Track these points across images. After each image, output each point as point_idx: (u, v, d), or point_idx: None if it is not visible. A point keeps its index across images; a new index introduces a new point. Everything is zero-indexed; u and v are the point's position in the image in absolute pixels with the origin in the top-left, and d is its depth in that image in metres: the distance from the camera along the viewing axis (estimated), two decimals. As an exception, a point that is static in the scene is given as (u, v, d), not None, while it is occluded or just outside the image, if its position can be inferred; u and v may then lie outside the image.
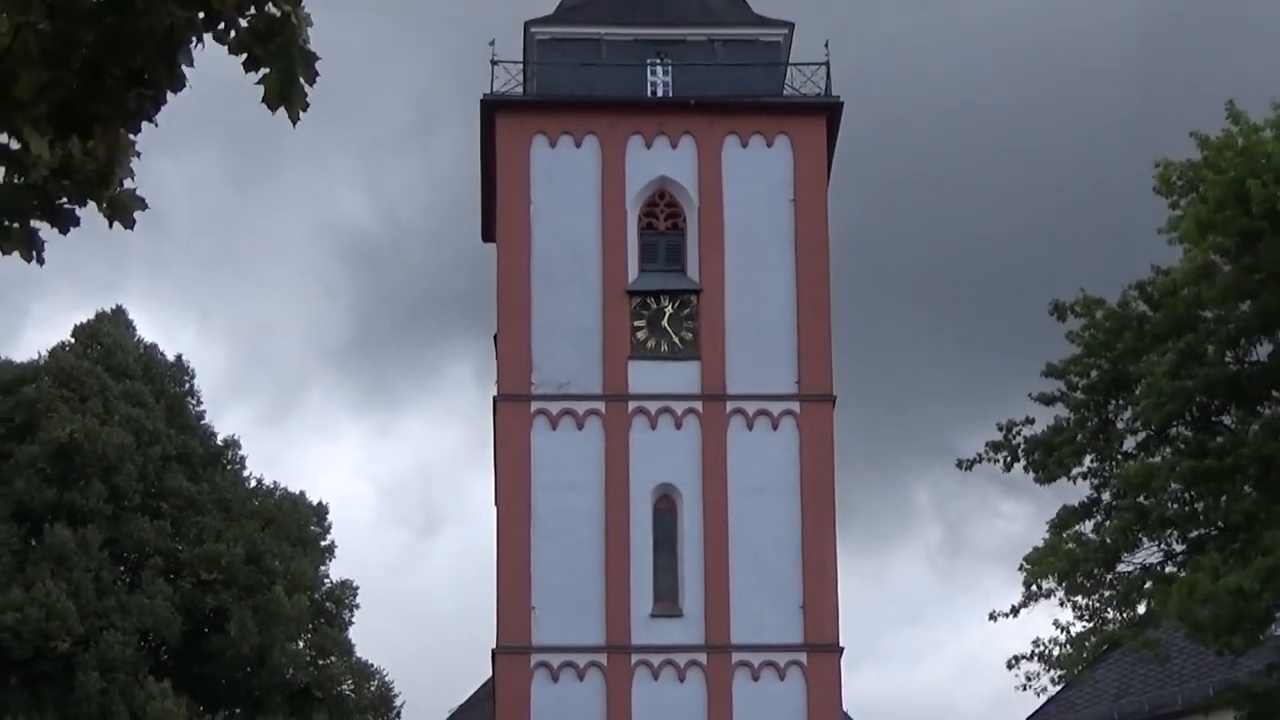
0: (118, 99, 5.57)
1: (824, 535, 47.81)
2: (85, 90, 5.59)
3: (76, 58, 5.46)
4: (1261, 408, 24.40)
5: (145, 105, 5.69)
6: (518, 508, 47.73)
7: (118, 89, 5.58)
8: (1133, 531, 24.44)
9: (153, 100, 5.70)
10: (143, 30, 5.43)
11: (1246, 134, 23.23)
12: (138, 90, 5.59)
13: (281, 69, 5.53)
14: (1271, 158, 22.54)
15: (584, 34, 51.03)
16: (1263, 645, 24.55)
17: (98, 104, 5.61)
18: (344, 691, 46.58)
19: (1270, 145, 22.70)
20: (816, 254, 49.17)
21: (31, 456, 44.49)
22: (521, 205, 49.16)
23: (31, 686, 42.71)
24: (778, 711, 46.72)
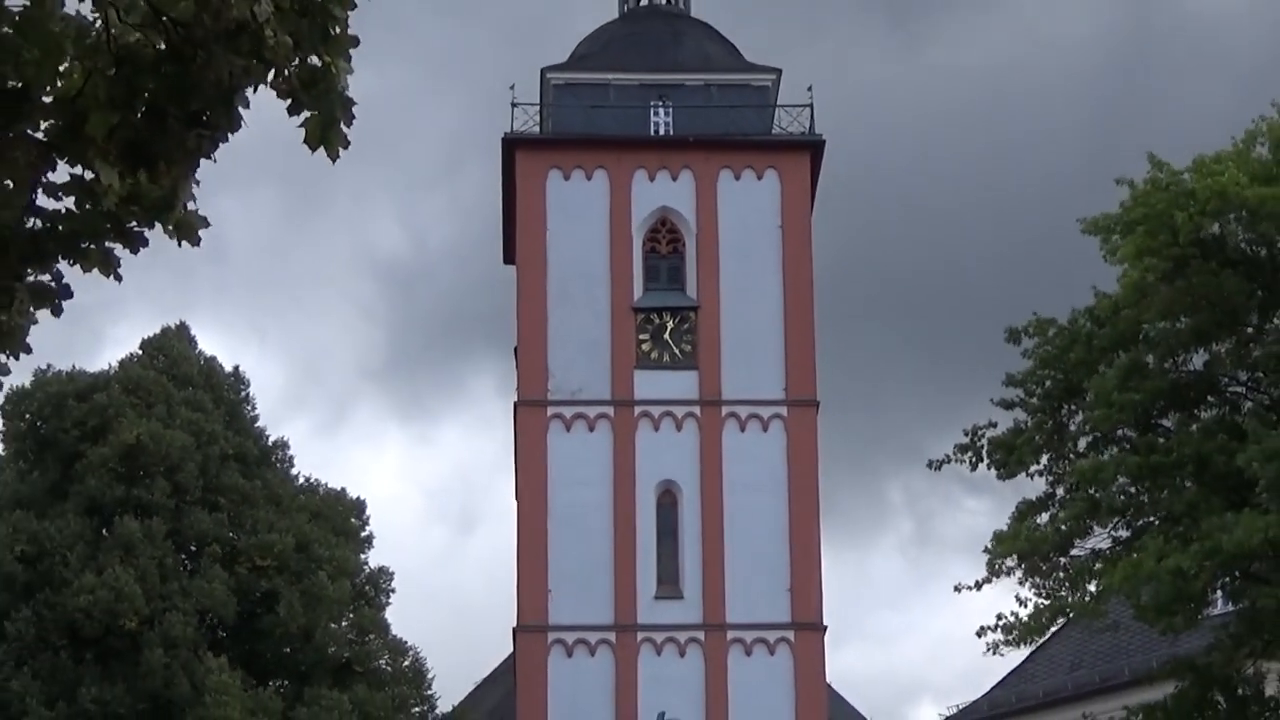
0: (179, 138, 5.56)
1: (809, 526, 47.80)
2: (150, 130, 5.59)
3: (141, 101, 5.45)
4: (1197, 411, 24.40)
5: (204, 144, 5.68)
6: (536, 502, 47.74)
7: (179, 129, 5.57)
8: (1084, 520, 24.44)
9: (211, 139, 5.70)
10: (202, 77, 5.42)
11: (1169, 175, 23.36)
12: (197, 131, 5.58)
13: (322, 113, 5.53)
14: (1195, 194, 22.63)
15: (594, 79, 51.06)
16: (1201, 624, 24.52)
17: (161, 142, 5.61)
18: (381, 666, 46.51)
19: (1194, 183, 22.80)
20: (801, 275, 49.19)
21: (103, 457, 44.49)
22: (539, 232, 49.19)
23: (103, 661, 42.70)
24: (768, 683, 46.69)
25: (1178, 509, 22.81)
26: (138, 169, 5.66)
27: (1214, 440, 22.83)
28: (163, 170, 5.66)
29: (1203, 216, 22.65)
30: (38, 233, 5.98)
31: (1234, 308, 23.72)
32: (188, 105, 5.46)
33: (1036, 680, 39.88)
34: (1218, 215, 22.78)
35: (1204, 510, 22.25)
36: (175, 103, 5.47)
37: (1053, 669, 39.20)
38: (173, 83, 5.42)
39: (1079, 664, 38.21)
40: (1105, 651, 35.64)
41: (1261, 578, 22.67)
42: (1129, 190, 23.75)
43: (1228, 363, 24.42)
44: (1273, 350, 23.96)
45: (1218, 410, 24.38)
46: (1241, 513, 21.55)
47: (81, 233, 5.93)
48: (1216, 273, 23.30)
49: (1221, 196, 22.59)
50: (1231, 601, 24.86)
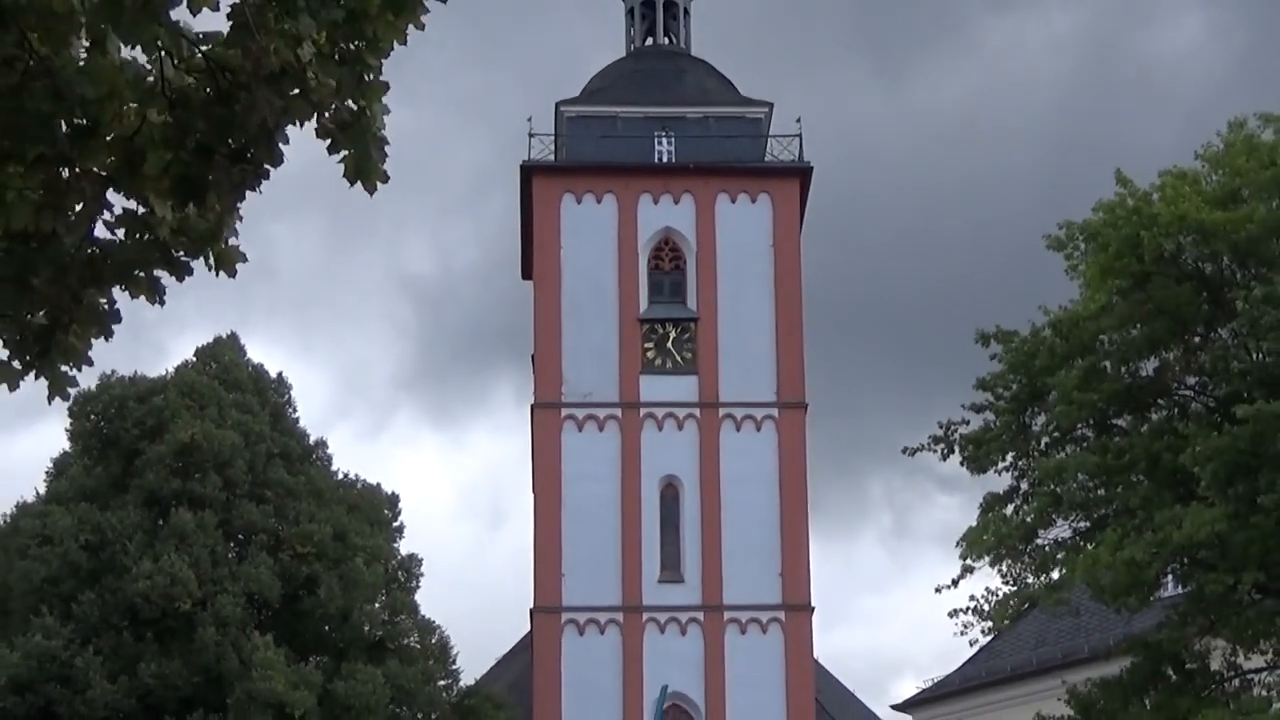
0: (226, 173, 5.56)
1: (798, 516, 47.79)
2: (200, 166, 5.59)
3: (192, 140, 5.45)
4: (1150, 413, 24.39)
5: (249, 178, 5.69)
6: (551, 495, 47.76)
7: (226, 165, 5.57)
8: (1048, 513, 24.42)
9: (255, 174, 5.70)
10: (247, 118, 5.42)
11: (1135, 196, 23.35)
12: (242, 166, 5.58)
13: (358, 152, 5.53)
14: (1159, 217, 22.62)
15: (603, 111, 51.10)
16: (1153, 605, 24.50)
17: (210, 177, 5.61)
18: (411, 643, 46.47)
19: (1158, 207, 22.80)
20: (791, 290, 49.22)
21: (160, 454, 44.50)
22: (553, 250, 49.23)
23: (160, 640, 42.70)
24: (762, 659, 46.68)
25: (1132, 503, 22.79)
26: (188, 202, 5.66)
27: (1163, 440, 22.83)
28: (211, 202, 5.66)
29: (1164, 237, 22.65)
30: (94, 259, 5.98)
31: (1184, 318, 23.73)
32: (234, 143, 5.46)
33: (1004, 656, 39.87)
34: (1178, 234, 22.77)
35: (1155, 504, 22.24)
36: (223, 141, 5.47)
37: (1019, 646, 39.20)
38: (221, 123, 5.42)
39: (1043, 641, 38.22)
40: (1067, 630, 35.66)
41: (1208, 564, 22.64)
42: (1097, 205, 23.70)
43: (1177, 368, 24.43)
44: (1218, 356, 23.94)
45: (1168, 411, 24.38)
46: (1189, 506, 21.55)
47: (134, 261, 5.94)
48: (1172, 287, 23.30)
49: (1182, 219, 22.60)
50: (1180, 584, 24.84)
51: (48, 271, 5.91)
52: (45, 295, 5.95)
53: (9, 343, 6.16)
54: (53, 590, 42.75)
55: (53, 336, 6.05)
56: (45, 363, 6.14)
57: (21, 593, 43.06)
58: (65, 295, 5.93)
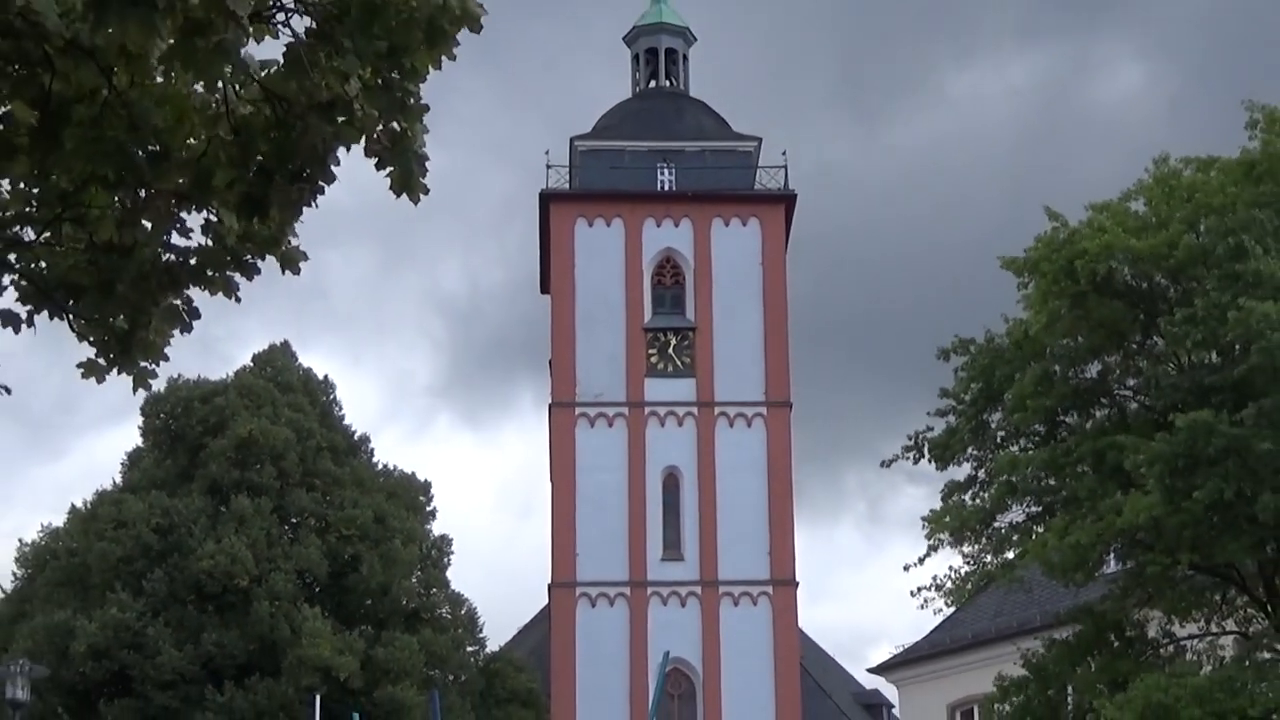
0: (285, 191, 5.59)
1: (784, 502, 47.82)
2: (261, 185, 5.61)
3: (253, 162, 5.48)
4: (1093, 411, 24.38)
5: (305, 195, 5.70)
6: (566, 483, 47.78)
7: (284, 184, 5.59)
8: (1003, 501, 24.41)
9: (311, 191, 5.72)
10: (302, 142, 5.44)
11: (1065, 229, 23.47)
12: (299, 185, 5.60)
13: (402, 167, 5.55)
14: (1087, 247, 22.74)
15: (612, 145, 51.16)
16: (1097, 580, 24.48)
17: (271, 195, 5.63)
18: (442, 615, 46.46)
19: (1085, 239, 22.91)
20: (778, 303, 49.26)
21: (222, 448, 44.54)
22: (568, 268, 49.28)
23: (221, 612, 42.70)
24: (752, 628, 46.69)
25: (1079, 493, 22.77)
26: (253, 216, 5.69)
27: (1105, 437, 22.83)
28: (273, 216, 5.69)
29: (1095, 262, 22.74)
30: (172, 264, 6.01)
31: (1121, 329, 23.74)
32: (291, 164, 5.48)
33: (966, 625, 39.81)
34: (1107, 259, 22.84)
35: (1098, 493, 22.23)
36: (281, 162, 5.49)
37: (979, 616, 39.14)
38: (279, 146, 5.44)
39: (1000, 612, 38.16)
40: (1021, 601, 35.58)
41: (1146, 545, 22.63)
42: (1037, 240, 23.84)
43: (1117, 372, 24.43)
44: (1155, 363, 23.95)
45: (1109, 410, 24.38)
46: (1129, 495, 21.54)
47: (208, 264, 5.97)
48: (1108, 303, 23.33)
49: (1109, 247, 22.69)
50: (1121, 562, 24.82)
51: (129, 277, 5.93)
52: (127, 299, 5.97)
53: (96, 342, 6.18)
54: (127, 568, 42.79)
55: (134, 336, 6.07)
56: (127, 359, 6.15)
57: (99, 570, 43.11)
58: (145, 298, 5.95)
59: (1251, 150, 22.74)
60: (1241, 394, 21.55)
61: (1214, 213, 22.15)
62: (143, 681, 41.40)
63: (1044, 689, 24.55)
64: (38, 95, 5.25)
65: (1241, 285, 21.09)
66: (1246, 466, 20.77)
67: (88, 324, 6.16)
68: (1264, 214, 21.75)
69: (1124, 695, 21.38)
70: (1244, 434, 20.65)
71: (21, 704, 32.69)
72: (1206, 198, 22.48)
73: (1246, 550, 22.04)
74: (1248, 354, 21.31)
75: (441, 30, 5.18)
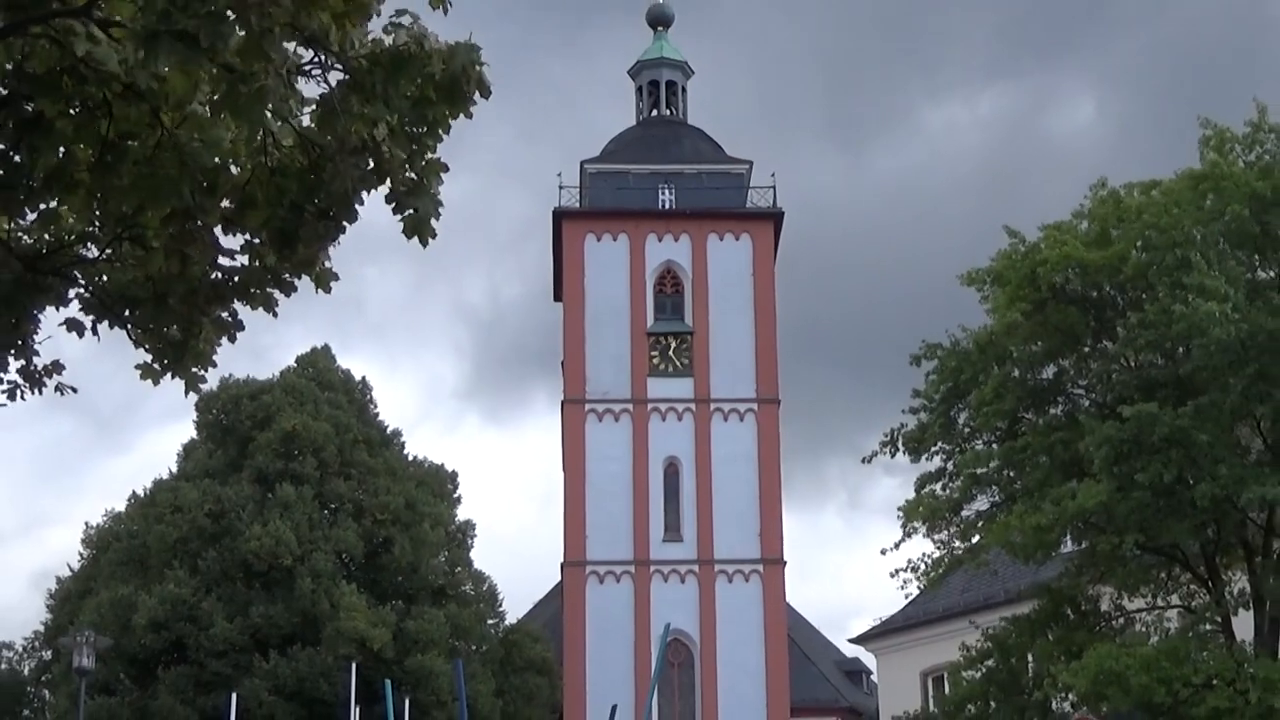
0: (313, 228, 5.63)
1: (773, 489, 47.79)
2: (292, 221, 5.65)
3: (286, 200, 5.52)
4: (1048, 409, 24.39)
5: (332, 230, 5.75)
6: (577, 472, 47.78)
7: (313, 221, 5.63)
8: (969, 491, 24.41)
9: (337, 228, 5.77)
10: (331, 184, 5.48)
11: (1024, 244, 23.49)
12: (326, 223, 5.65)
13: (419, 213, 5.59)
14: (1047, 258, 22.75)
15: (618, 168, 51.17)
16: (1054, 559, 24.49)
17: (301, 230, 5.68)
18: (466, 591, 46.49)
19: (1045, 251, 22.93)
20: (767, 310, 49.24)
21: (268, 440, 44.57)
22: (578, 278, 49.28)
23: (267, 588, 42.76)
24: (744, 603, 46.67)
25: (1036, 482, 22.78)
26: (283, 248, 5.74)
27: (1060, 433, 22.84)
28: (301, 249, 5.74)
29: (1054, 271, 22.74)
30: (218, 282, 6.05)
31: (1076, 333, 23.73)
32: (320, 204, 5.52)
33: (937, 600, 39.84)
34: (1065, 269, 22.84)
35: (1054, 482, 22.25)
36: (311, 202, 5.53)
37: (949, 592, 39.17)
38: (310, 187, 5.48)
39: (968, 589, 38.18)
40: (986, 578, 35.60)
41: (1098, 527, 22.64)
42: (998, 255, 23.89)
43: (1071, 373, 24.43)
44: (1105, 365, 23.96)
45: (1064, 408, 24.37)
46: (1082, 483, 21.54)
47: (250, 282, 6.01)
48: (1064, 309, 23.33)
49: (1066, 259, 22.69)
50: (1075, 543, 24.82)
51: (180, 293, 5.98)
52: (179, 312, 6.02)
53: (152, 349, 6.23)
54: (182, 549, 42.88)
55: (186, 344, 6.11)
56: (180, 365, 6.20)
57: (158, 551, 43.19)
58: (195, 311, 6.00)
59: (1199, 167, 22.64)
60: (1184, 390, 21.58)
61: (1160, 230, 22.16)
62: (197, 651, 41.47)
63: (1006, 659, 24.55)
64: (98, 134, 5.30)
65: (1187, 294, 21.10)
66: (1188, 455, 20.78)
67: (144, 333, 6.21)
68: (1207, 229, 21.74)
69: (1078, 663, 21.39)
70: (1185, 425, 20.66)
71: (87, 671, 32.74)
72: (1153, 217, 22.48)
73: (1189, 532, 22.04)
74: (1190, 355, 21.34)
75: (460, 93, 5.22)
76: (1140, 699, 20.11)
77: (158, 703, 41.20)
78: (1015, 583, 33.02)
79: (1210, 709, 20.13)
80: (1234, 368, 20.59)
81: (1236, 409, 20.96)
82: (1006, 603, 32.01)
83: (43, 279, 6.08)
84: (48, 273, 6.10)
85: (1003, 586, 35.28)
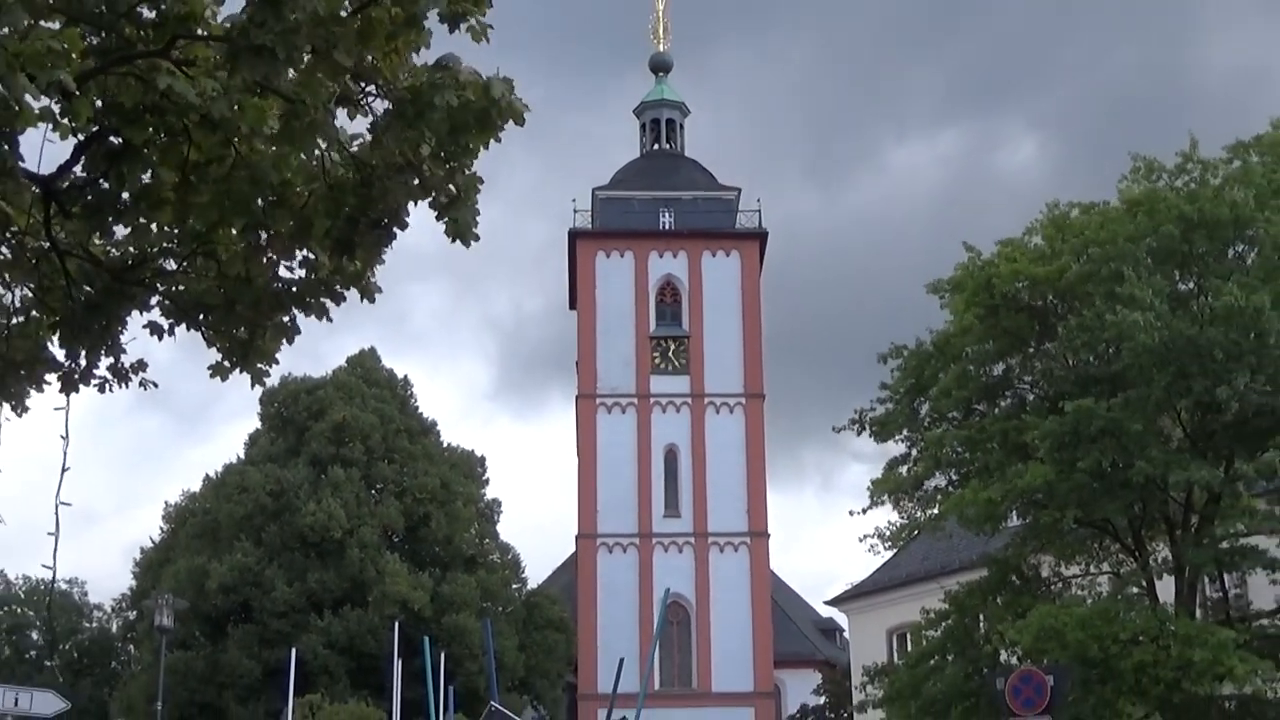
0: (367, 236, 5.63)
1: (759, 471, 47.88)
2: (349, 231, 5.64)
3: (343, 214, 5.52)
4: (998, 401, 24.32)
5: (384, 238, 5.74)
6: (589, 458, 47.84)
7: (367, 230, 5.63)
8: (930, 470, 24.34)
9: (388, 236, 5.76)
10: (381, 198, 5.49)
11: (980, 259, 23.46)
12: (378, 232, 5.65)
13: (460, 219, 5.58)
14: (1001, 271, 22.74)
15: (625, 194, 51.27)
16: (1002, 532, 24.42)
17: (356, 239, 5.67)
18: (494, 559, 46.54)
19: (999, 265, 22.91)
20: (753, 317, 49.32)
21: (321, 430, 44.63)
22: (590, 289, 49.35)
23: (321, 558, 42.80)
24: (734, 570, 46.75)
25: (988, 464, 22.71)
26: (343, 256, 5.73)
27: (1009, 421, 22.79)
28: (359, 255, 5.74)
29: (1005, 283, 22.71)
30: (279, 291, 6.05)
31: (1022, 337, 23.68)
32: (373, 215, 5.52)
33: (900, 567, 39.76)
34: (1014, 281, 22.82)
35: (1004, 464, 22.18)
36: (364, 214, 5.53)
37: (911, 559, 39.08)
38: (364, 201, 5.48)
39: (927, 557, 38.09)
40: (943, 548, 35.51)
41: (1040, 503, 22.58)
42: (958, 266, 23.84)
43: (1017, 370, 24.37)
44: (1045, 362, 23.93)
45: (1011, 400, 24.30)
46: (1028, 464, 21.50)
47: (306, 292, 6.01)
48: (1013, 315, 23.29)
49: (1016, 272, 22.67)
50: (1021, 517, 24.76)
51: (247, 300, 5.98)
52: (246, 317, 6.02)
53: (221, 349, 6.23)
54: (248, 524, 42.96)
55: (251, 345, 6.11)
56: (246, 363, 6.20)
57: (227, 525, 43.26)
58: (259, 316, 6.00)
59: (1132, 191, 22.66)
60: (1115, 386, 21.53)
61: (1098, 245, 22.14)
62: (261, 611, 41.54)
63: (961, 618, 24.49)
64: (178, 160, 5.32)
65: (1118, 303, 21.08)
66: (1120, 443, 20.73)
67: (215, 334, 6.22)
68: (1138, 247, 21.74)
69: (1023, 622, 21.33)
70: (1117, 417, 20.63)
71: (167, 629, 32.81)
72: (1092, 234, 22.46)
73: (1119, 509, 21.98)
74: (1120, 355, 21.31)
75: (491, 120, 5.23)
76: (1076, 653, 20.05)
77: (227, 656, 41.27)
78: (968, 553, 32.93)
79: (1136, 662, 20.10)
80: (1157, 368, 20.56)
81: (1160, 403, 20.90)
82: (961, 570, 31.94)
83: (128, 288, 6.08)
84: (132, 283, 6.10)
85: (958, 556, 35.17)
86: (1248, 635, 21.13)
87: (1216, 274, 21.21)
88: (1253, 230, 21.17)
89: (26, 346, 6.13)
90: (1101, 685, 20.59)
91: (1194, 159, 22.34)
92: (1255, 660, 19.94)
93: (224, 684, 41.15)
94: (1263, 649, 21.04)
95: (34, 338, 6.15)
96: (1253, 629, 22.11)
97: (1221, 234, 21.39)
